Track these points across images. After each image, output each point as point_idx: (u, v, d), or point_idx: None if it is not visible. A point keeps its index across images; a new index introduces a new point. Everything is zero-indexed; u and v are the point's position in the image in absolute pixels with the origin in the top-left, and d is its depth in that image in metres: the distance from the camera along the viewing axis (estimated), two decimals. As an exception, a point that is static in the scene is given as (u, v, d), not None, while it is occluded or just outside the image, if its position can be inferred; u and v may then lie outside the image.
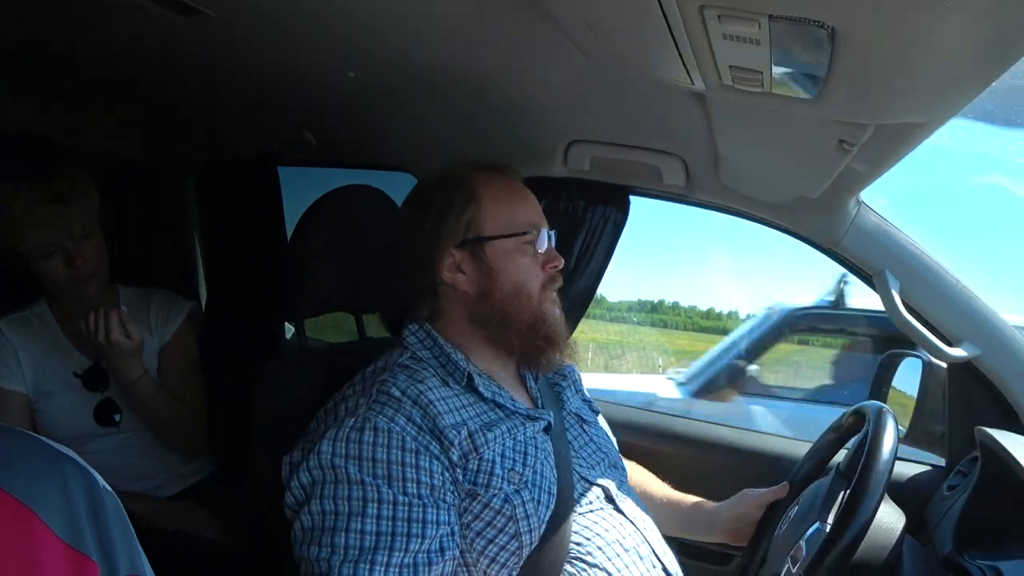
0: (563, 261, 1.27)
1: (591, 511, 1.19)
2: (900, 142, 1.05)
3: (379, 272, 1.34)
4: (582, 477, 1.23)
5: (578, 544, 1.14)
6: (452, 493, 1.08)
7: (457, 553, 1.07)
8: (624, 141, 1.58)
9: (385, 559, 0.99)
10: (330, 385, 1.20)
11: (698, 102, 1.18)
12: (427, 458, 1.06)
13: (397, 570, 1.00)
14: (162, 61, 1.53)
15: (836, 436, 1.39)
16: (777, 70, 0.76)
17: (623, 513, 1.22)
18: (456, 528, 1.07)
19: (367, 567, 0.98)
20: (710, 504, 1.43)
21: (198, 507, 1.71)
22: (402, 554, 1.00)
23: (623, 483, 1.30)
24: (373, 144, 1.98)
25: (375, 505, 1.02)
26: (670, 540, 1.29)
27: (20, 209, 1.55)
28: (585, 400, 1.43)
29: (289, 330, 2.30)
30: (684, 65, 0.83)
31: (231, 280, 2.26)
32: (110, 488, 0.66)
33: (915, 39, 0.65)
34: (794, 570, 1.08)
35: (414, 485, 1.04)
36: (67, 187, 1.60)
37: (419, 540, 1.02)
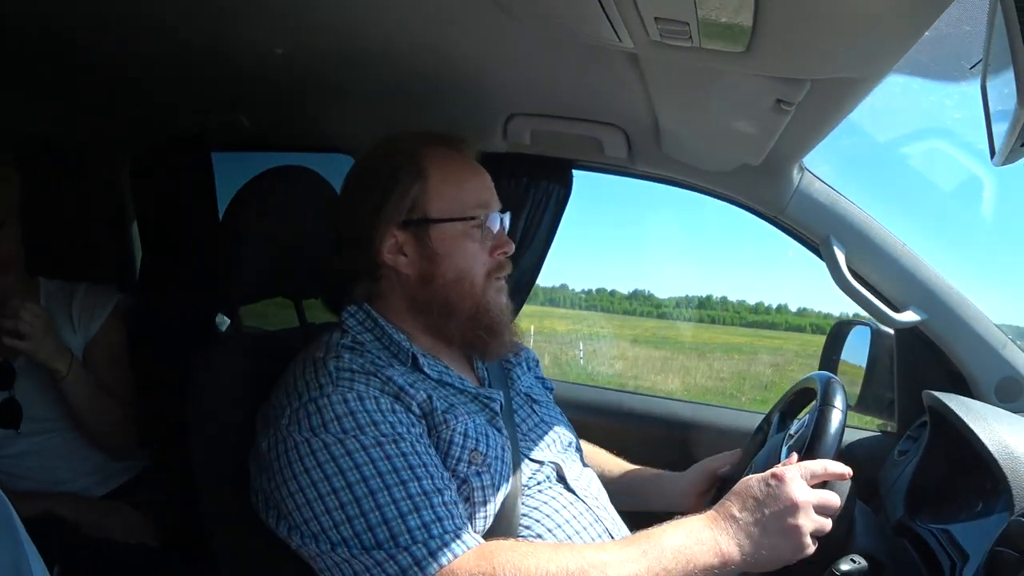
0: (513, 247, 1.21)
1: (540, 492, 1.16)
2: (838, 101, 1.02)
3: (317, 255, 1.27)
4: (531, 459, 1.19)
5: (527, 527, 1.11)
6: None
7: None
8: (563, 113, 1.54)
9: (440, 499, 0.97)
10: (269, 374, 1.14)
11: (633, 67, 1.14)
12: (413, 417, 1.04)
13: (455, 506, 0.99)
14: (84, 37, 1.43)
15: (786, 407, 1.37)
16: (704, 19, 0.72)
17: (574, 492, 1.19)
18: None
19: (430, 512, 0.96)
20: (668, 474, 1.41)
21: (129, 509, 1.63)
22: (451, 492, 1.00)
23: (577, 461, 1.27)
24: (309, 126, 1.92)
25: (402, 458, 0.98)
26: (627, 515, 1.27)
27: None
28: (538, 378, 1.39)
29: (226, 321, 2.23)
30: (609, 20, 0.79)
31: (166, 269, 2.18)
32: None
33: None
34: None
35: (421, 439, 1.03)
36: None
37: (453, 484, 1.02)
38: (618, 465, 1.47)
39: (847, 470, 1.04)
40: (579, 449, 1.33)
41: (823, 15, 0.71)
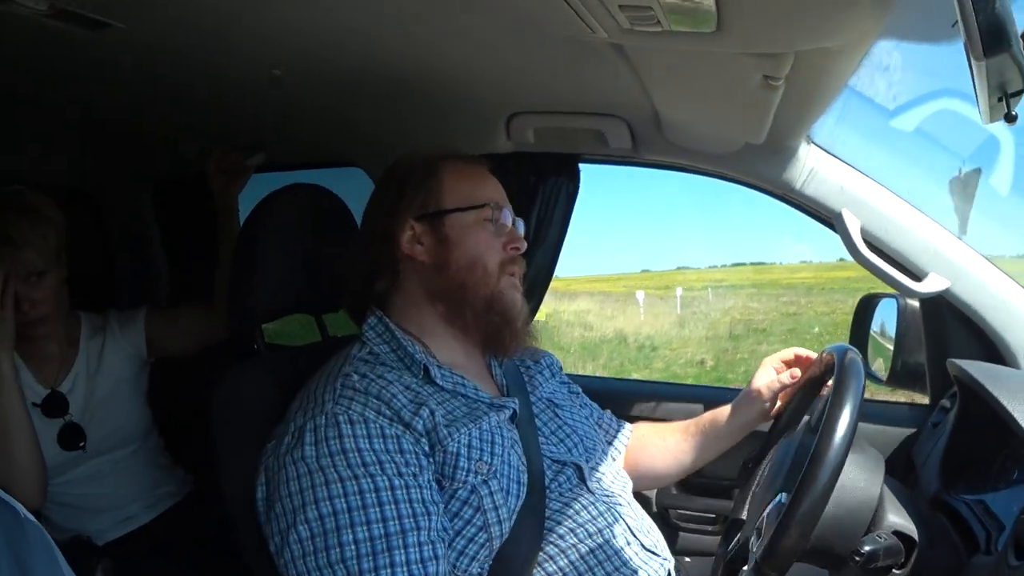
0: (525, 244, 1.26)
1: (562, 494, 1.18)
2: (827, 72, 1.01)
3: (333, 269, 1.31)
4: (553, 461, 1.21)
5: (548, 530, 1.13)
6: (431, 476, 1.06)
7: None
8: (564, 108, 1.54)
9: (401, 543, 0.98)
10: (293, 390, 1.17)
11: (623, 57, 1.13)
12: (408, 442, 1.05)
13: (417, 550, 0.99)
14: (79, 80, 1.47)
15: (810, 383, 1.35)
16: (666, 2, 0.71)
17: (593, 493, 1.21)
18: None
19: (386, 556, 0.97)
20: (724, 408, 1.42)
21: None
22: (417, 533, 1.00)
23: (601, 462, 1.29)
24: (319, 142, 1.95)
25: (373, 494, 0.99)
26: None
27: None
28: (563, 383, 1.41)
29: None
30: (576, 13, 0.79)
31: (196, 293, 2.22)
32: (33, 518, 0.63)
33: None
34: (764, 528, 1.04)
35: (405, 467, 1.03)
36: (16, 225, 1.51)
37: (427, 518, 1.01)
38: (675, 431, 1.47)
39: None
40: (604, 452, 1.33)
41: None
